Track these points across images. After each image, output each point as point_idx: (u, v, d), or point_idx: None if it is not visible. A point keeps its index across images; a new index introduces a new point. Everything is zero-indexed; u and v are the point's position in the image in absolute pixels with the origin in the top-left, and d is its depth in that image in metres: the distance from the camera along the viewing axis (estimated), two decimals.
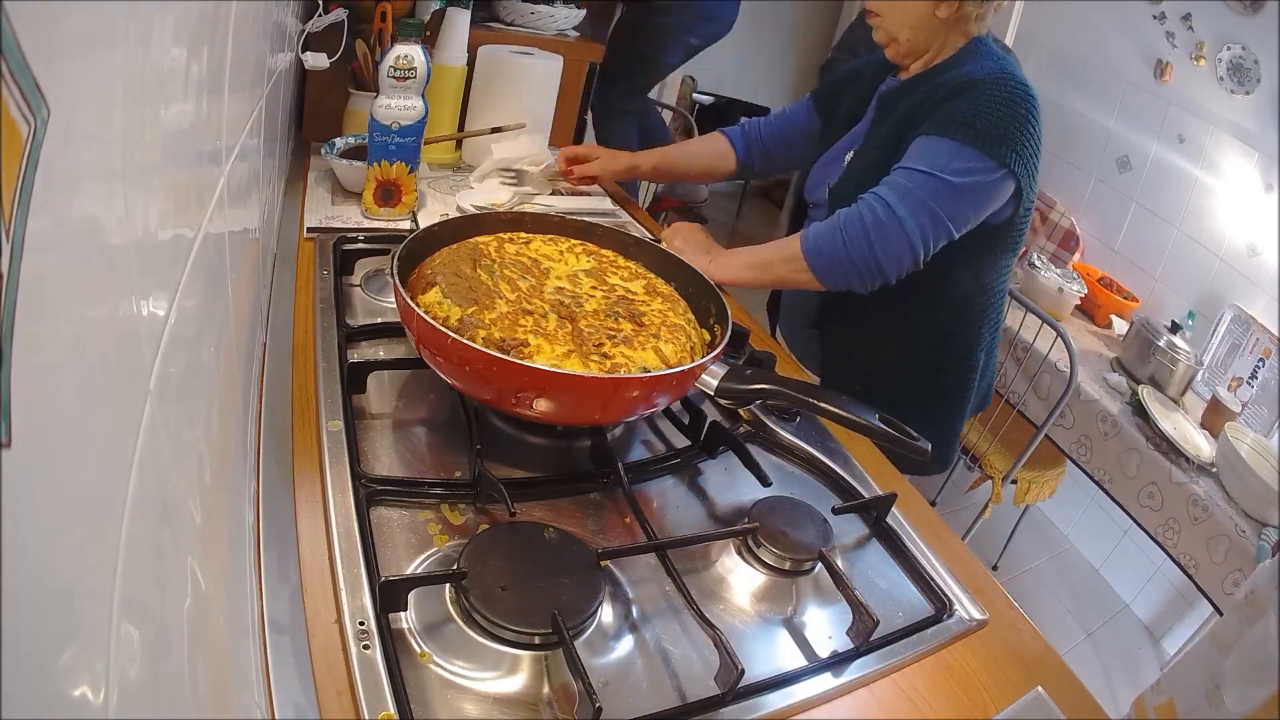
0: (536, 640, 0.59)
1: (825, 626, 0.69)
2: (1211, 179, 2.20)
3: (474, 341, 0.73)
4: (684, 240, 1.25)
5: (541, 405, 0.74)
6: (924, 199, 1.04)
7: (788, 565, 0.72)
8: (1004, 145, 1.03)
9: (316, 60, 1.17)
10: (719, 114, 3.90)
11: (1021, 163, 1.05)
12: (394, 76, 1.11)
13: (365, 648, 0.56)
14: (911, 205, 1.04)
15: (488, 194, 1.35)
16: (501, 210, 1.27)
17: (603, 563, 0.66)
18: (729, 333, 0.87)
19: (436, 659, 0.58)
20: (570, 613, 0.59)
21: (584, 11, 1.87)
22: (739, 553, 0.74)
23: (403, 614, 0.60)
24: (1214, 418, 1.94)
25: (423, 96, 1.16)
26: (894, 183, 1.07)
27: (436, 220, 1.02)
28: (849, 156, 1.23)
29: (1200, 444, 1.88)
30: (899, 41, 1.15)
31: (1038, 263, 2.31)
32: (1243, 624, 0.71)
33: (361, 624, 0.57)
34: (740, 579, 0.72)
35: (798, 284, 1.16)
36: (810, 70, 4.03)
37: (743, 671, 0.57)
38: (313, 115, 1.49)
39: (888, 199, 1.05)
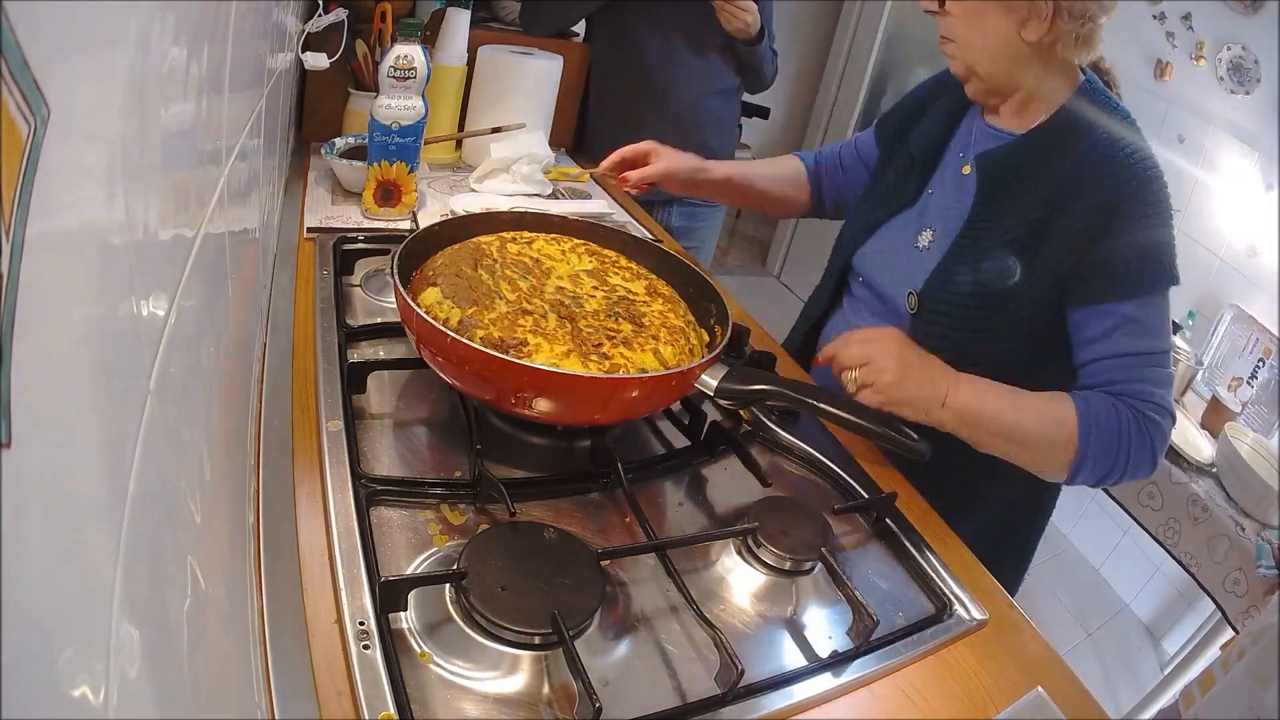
0: (536, 640, 0.59)
1: (825, 626, 0.69)
2: (1211, 179, 2.20)
3: (473, 341, 0.73)
4: (896, 368, 0.84)
5: (541, 405, 0.74)
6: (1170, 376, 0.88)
7: (788, 565, 0.72)
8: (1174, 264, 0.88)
9: (316, 60, 1.17)
10: None
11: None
12: (394, 76, 1.12)
13: (365, 648, 0.56)
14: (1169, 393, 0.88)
15: (483, 201, 1.34)
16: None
17: (603, 563, 0.66)
18: (729, 333, 0.87)
19: (436, 659, 0.58)
20: (570, 613, 0.59)
21: None
22: (739, 553, 0.74)
23: (403, 614, 0.60)
24: (1214, 418, 1.94)
25: (423, 96, 1.16)
26: (1159, 376, 0.87)
27: (436, 220, 1.02)
28: (927, 238, 0.97)
29: (1200, 444, 1.87)
30: (980, 76, 0.93)
31: None
32: None
33: (361, 624, 0.57)
34: (740, 579, 0.72)
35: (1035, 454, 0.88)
36: (810, 70, 4.02)
37: (743, 671, 0.57)
38: (313, 115, 1.49)
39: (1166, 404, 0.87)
